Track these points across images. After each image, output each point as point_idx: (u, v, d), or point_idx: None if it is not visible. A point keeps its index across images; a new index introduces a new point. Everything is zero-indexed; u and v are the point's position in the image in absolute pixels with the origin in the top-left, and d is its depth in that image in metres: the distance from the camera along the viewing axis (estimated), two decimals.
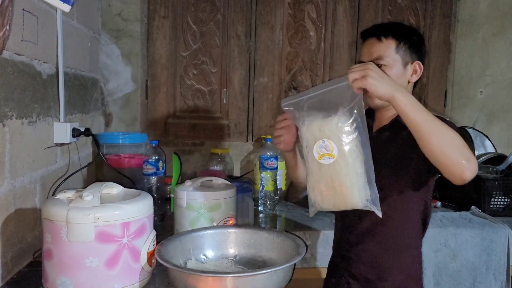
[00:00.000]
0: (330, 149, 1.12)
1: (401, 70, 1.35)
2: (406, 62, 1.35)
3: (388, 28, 1.38)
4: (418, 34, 1.42)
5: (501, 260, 1.78)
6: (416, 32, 1.42)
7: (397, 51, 1.34)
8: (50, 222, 1.09)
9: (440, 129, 1.08)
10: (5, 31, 1.11)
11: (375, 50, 1.34)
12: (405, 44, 1.35)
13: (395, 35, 1.35)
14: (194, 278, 1.08)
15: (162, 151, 1.85)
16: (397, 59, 1.34)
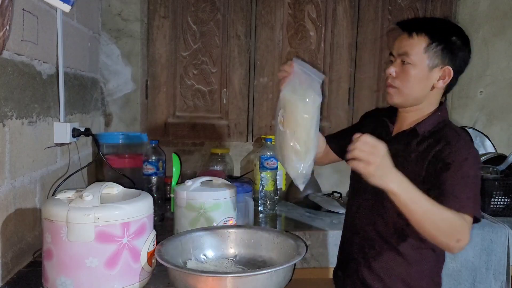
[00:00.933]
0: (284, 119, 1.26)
1: (425, 72, 1.26)
2: (434, 65, 1.25)
3: (425, 24, 1.29)
4: (462, 36, 1.28)
5: (501, 260, 1.79)
6: (459, 34, 1.28)
7: (426, 50, 1.25)
8: (50, 222, 1.09)
9: (433, 219, 1.10)
10: (5, 31, 1.11)
11: (404, 45, 1.27)
12: (438, 45, 1.24)
13: (429, 33, 1.25)
14: (194, 278, 1.08)
15: (162, 151, 1.85)
16: (424, 59, 1.25)
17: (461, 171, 1.16)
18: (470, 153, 1.20)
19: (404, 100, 1.30)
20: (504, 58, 2.58)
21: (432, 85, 1.27)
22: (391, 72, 1.29)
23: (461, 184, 1.16)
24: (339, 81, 2.42)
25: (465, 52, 1.28)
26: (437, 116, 1.30)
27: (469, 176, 1.17)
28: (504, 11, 2.56)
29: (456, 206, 1.13)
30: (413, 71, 1.26)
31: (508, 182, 2.02)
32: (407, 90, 1.28)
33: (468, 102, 2.59)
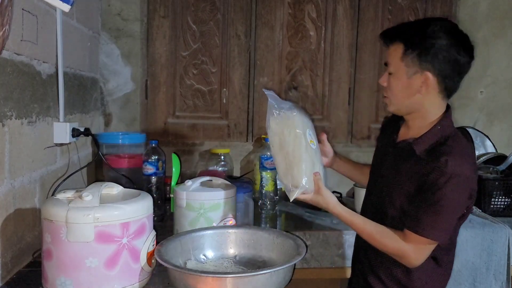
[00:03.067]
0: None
1: (405, 80, 1.22)
2: (414, 72, 1.21)
3: (400, 31, 1.25)
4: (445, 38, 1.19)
5: (502, 260, 1.78)
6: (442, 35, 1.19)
7: (403, 58, 1.21)
8: (49, 222, 1.09)
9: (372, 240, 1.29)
10: (5, 31, 1.11)
11: (386, 56, 1.29)
12: (414, 50, 1.19)
13: (403, 40, 1.21)
14: (194, 279, 1.08)
15: (161, 151, 1.85)
16: (401, 67, 1.22)
17: (437, 195, 1.16)
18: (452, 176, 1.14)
19: (397, 109, 1.31)
20: (504, 58, 2.58)
21: (417, 91, 1.23)
22: (379, 82, 1.33)
23: (431, 211, 1.18)
24: (339, 81, 2.41)
25: (450, 53, 1.19)
26: (437, 130, 1.26)
27: (443, 204, 1.16)
28: (504, 11, 2.56)
29: (415, 229, 1.20)
30: (394, 80, 1.25)
31: (508, 182, 2.02)
32: (394, 99, 1.29)
33: (469, 102, 2.59)
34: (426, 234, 1.19)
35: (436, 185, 1.16)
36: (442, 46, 1.18)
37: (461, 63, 1.22)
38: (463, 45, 1.23)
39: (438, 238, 1.20)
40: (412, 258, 1.23)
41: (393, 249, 1.25)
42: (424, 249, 1.22)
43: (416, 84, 1.22)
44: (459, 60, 1.21)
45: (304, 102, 2.43)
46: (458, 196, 1.17)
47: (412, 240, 1.21)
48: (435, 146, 1.23)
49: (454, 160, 1.16)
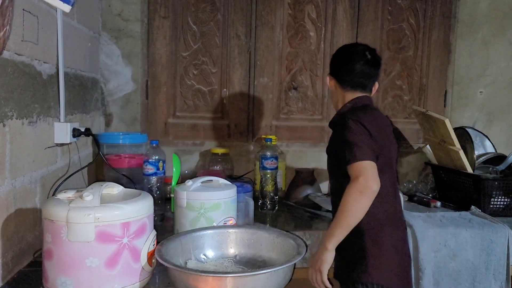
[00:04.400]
0: None
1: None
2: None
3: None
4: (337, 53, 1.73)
5: (501, 260, 1.78)
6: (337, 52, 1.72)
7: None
8: (50, 222, 1.09)
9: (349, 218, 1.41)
10: (5, 31, 1.11)
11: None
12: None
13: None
14: (194, 278, 1.08)
15: (162, 151, 1.85)
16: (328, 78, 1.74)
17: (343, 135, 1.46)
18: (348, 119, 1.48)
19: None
20: (504, 58, 2.58)
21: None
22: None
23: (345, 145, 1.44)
24: None
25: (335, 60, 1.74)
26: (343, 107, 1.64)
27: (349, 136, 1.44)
28: (504, 11, 2.56)
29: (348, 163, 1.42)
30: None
31: (507, 182, 2.02)
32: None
33: (468, 102, 2.59)
34: (355, 159, 1.40)
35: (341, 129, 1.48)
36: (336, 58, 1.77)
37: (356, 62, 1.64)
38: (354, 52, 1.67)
39: (363, 157, 1.40)
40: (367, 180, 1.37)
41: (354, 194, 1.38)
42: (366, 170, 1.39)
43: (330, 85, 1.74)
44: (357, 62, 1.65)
45: (304, 102, 2.43)
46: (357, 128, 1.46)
47: (353, 173, 1.40)
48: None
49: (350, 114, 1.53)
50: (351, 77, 1.62)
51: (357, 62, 1.61)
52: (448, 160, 2.15)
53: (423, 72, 2.51)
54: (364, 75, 1.61)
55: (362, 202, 1.38)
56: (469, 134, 2.25)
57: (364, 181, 1.37)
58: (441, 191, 2.28)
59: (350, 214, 1.39)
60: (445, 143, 2.08)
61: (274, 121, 2.42)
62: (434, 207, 2.13)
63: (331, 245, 1.43)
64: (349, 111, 1.58)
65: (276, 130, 2.41)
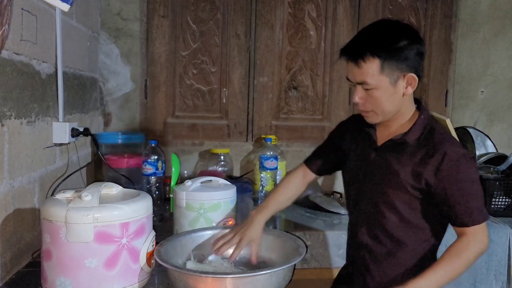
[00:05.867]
0: None
1: (390, 89, 1.21)
2: (396, 78, 1.21)
3: (366, 46, 1.21)
4: (405, 35, 1.21)
5: (502, 260, 1.78)
6: (402, 34, 1.22)
7: (382, 71, 1.19)
8: (49, 222, 1.09)
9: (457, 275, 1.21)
10: (4, 31, 1.11)
11: (357, 75, 1.22)
12: (390, 60, 1.19)
13: (375, 54, 1.18)
14: (194, 279, 1.08)
15: (161, 151, 1.84)
16: (383, 79, 1.20)
17: (467, 183, 1.21)
18: (469, 161, 1.22)
19: (384, 118, 1.28)
20: (504, 58, 2.57)
21: (402, 93, 1.24)
22: (357, 101, 1.26)
23: (470, 198, 1.21)
24: (339, 81, 2.41)
25: (415, 48, 1.21)
26: (422, 120, 1.28)
27: (473, 186, 1.22)
28: (504, 11, 2.55)
29: (469, 222, 1.21)
30: (378, 93, 1.21)
31: (509, 182, 2.02)
32: (381, 110, 1.25)
33: (469, 102, 2.58)
34: (481, 220, 1.22)
35: (461, 172, 1.20)
36: (408, 45, 1.20)
37: (423, 52, 1.25)
38: (416, 34, 1.25)
39: (487, 216, 1.24)
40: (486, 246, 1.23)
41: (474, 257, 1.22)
42: (486, 233, 1.24)
43: (401, 88, 1.23)
44: (421, 49, 1.24)
45: (304, 102, 2.42)
46: (476, 171, 1.26)
47: (474, 233, 1.22)
48: (426, 135, 1.26)
49: (456, 144, 1.25)
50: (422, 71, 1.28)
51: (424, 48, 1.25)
52: None
53: (424, 72, 2.50)
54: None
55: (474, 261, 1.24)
56: (470, 134, 2.24)
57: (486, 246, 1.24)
58: None
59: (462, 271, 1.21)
60: None
61: (274, 121, 2.41)
62: None
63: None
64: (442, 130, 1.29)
65: (276, 130, 2.41)
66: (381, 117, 1.27)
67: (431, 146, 1.22)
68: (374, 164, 1.32)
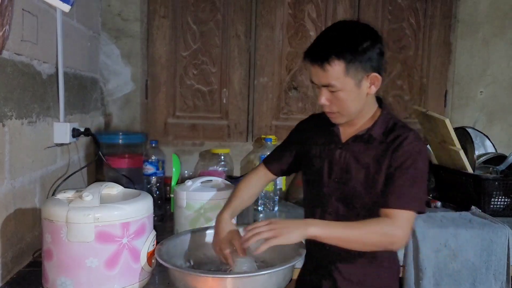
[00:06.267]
0: None
1: (355, 89, 1.23)
2: (360, 79, 1.22)
3: (330, 49, 1.20)
4: (366, 35, 1.23)
5: (501, 260, 1.78)
6: (363, 35, 1.23)
7: (347, 73, 1.20)
8: (50, 222, 1.09)
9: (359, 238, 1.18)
10: (5, 31, 1.11)
11: (322, 78, 1.22)
12: (355, 62, 1.20)
13: (340, 57, 1.19)
14: (194, 279, 1.08)
15: (161, 151, 1.85)
16: (348, 81, 1.21)
17: (411, 170, 1.22)
18: (420, 151, 1.24)
19: (349, 118, 1.30)
20: (504, 58, 2.58)
21: (366, 93, 1.26)
22: (323, 103, 1.26)
23: (408, 184, 1.21)
24: None
25: (377, 48, 1.23)
26: (385, 115, 1.32)
27: (417, 175, 1.23)
28: (504, 11, 2.56)
29: (394, 204, 1.20)
30: (344, 95, 1.23)
31: (508, 182, 2.02)
32: (346, 111, 1.27)
33: (469, 102, 2.59)
34: (412, 207, 1.20)
35: (409, 160, 1.22)
36: (371, 46, 1.22)
37: (383, 51, 1.27)
38: (376, 34, 1.27)
39: (421, 208, 1.23)
40: (401, 237, 1.18)
41: (382, 235, 1.17)
42: (410, 224, 1.21)
43: (365, 88, 1.25)
44: (382, 49, 1.26)
45: (304, 102, 2.43)
46: (426, 167, 1.26)
47: (397, 217, 1.19)
48: (389, 129, 1.29)
49: (416, 135, 1.27)
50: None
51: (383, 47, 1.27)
52: (449, 160, 2.14)
53: (423, 72, 2.51)
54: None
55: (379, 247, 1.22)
56: (469, 134, 2.24)
57: (402, 241, 1.19)
58: (441, 191, 2.28)
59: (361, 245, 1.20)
60: (446, 143, 2.08)
61: (274, 121, 2.41)
62: (434, 207, 2.13)
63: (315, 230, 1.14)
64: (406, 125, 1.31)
65: (276, 130, 2.41)
66: (347, 118, 1.29)
67: (393, 139, 1.26)
68: (340, 161, 1.32)
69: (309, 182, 1.41)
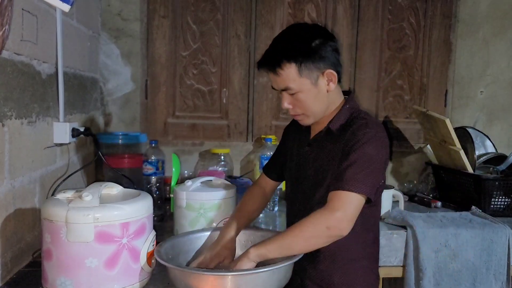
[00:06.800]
0: None
1: (313, 89, 1.24)
2: (316, 78, 1.23)
3: (281, 55, 1.22)
4: (316, 37, 1.23)
5: (502, 260, 1.78)
6: (313, 37, 1.23)
7: (301, 74, 1.21)
8: (49, 222, 1.09)
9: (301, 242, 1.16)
10: (5, 31, 1.11)
11: (278, 82, 1.25)
12: (306, 62, 1.21)
13: (289, 59, 1.20)
14: (195, 277, 1.08)
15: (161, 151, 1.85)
16: (303, 82, 1.22)
17: (355, 154, 1.19)
18: (371, 138, 1.20)
19: (315, 118, 1.31)
20: (504, 58, 2.58)
21: (326, 90, 1.26)
22: (286, 107, 1.29)
23: (349, 167, 1.18)
24: None
25: (329, 45, 1.24)
26: (346, 109, 1.31)
27: (361, 159, 1.18)
28: (504, 11, 2.55)
29: (338, 186, 1.17)
30: (303, 96, 1.24)
31: (508, 182, 2.02)
32: (310, 111, 1.28)
33: (469, 102, 2.58)
34: (348, 187, 1.15)
35: (356, 145, 1.20)
36: (321, 44, 1.23)
37: (337, 47, 1.28)
38: (326, 32, 1.29)
39: (361, 190, 1.16)
40: (335, 219, 1.13)
41: (315, 223, 1.14)
42: (348, 205, 1.15)
43: (323, 86, 1.25)
44: (335, 45, 1.27)
45: None
46: (377, 153, 1.21)
47: (333, 199, 1.16)
48: (350, 121, 1.28)
49: (371, 124, 1.24)
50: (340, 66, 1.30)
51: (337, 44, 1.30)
52: (449, 160, 2.14)
53: (423, 72, 2.51)
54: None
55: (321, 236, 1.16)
56: (469, 134, 2.24)
57: (345, 224, 1.14)
58: (441, 191, 2.28)
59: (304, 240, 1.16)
60: (446, 143, 2.08)
61: (274, 121, 2.41)
62: (434, 207, 2.13)
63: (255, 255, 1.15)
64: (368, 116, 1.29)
65: (276, 130, 2.41)
66: (313, 118, 1.30)
67: (351, 130, 1.24)
68: (306, 158, 1.35)
69: (286, 180, 1.47)
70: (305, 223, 1.16)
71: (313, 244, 1.18)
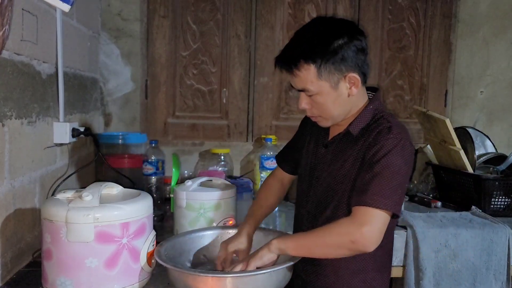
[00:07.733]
0: None
1: (333, 92, 1.16)
2: (337, 81, 1.16)
3: (299, 54, 1.14)
4: (340, 36, 1.14)
5: (502, 260, 1.78)
6: (336, 36, 1.14)
7: (320, 76, 1.14)
8: (49, 222, 1.09)
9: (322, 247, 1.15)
10: (5, 31, 1.11)
11: (296, 83, 1.18)
12: (326, 64, 1.13)
13: (308, 60, 1.13)
14: (194, 278, 1.08)
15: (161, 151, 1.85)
16: (323, 84, 1.15)
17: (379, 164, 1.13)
18: (395, 145, 1.13)
19: (334, 120, 1.24)
20: (504, 58, 2.58)
21: (347, 94, 1.19)
22: (303, 107, 1.22)
23: (372, 179, 1.12)
24: None
25: (353, 45, 1.15)
26: (369, 110, 1.24)
27: (386, 171, 1.12)
28: (504, 11, 2.55)
29: (360, 201, 1.12)
30: (322, 98, 1.17)
31: (508, 182, 2.02)
32: (328, 114, 1.22)
33: (469, 102, 2.58)
34: (375, 204, 1.10)
35: (379, 153, 1.13)
36: (345, 44, 1.14)
37: (363, 47, 1.18)
38: (353, 29, 1.19)
39: (388, 207, 1.10)
40: (361, 235, 1.08)
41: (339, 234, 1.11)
42: (375, 221, 1.10)
43: (344, 90, 1.18)
44: (361, 45, 1.18)
45: None
46: (404, 164, 1.14)
47: (357, 214, 1.11)
48: (372, 123, 1.22)
49: (395, 128, 1.17)
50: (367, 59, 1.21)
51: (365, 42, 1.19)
52: (449, 160, 2.14)
53: (423, 72, 2.51)
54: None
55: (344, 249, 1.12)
56: (469, 134, 2.24)
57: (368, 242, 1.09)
58: (441, 191, 2.27)
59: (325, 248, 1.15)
60: (446, 143, 2.08)
61: (274, 121, 2.41)
62: (434, 207, 2.12)
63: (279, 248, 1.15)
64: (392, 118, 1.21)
65: (276, 130, 2.41)
66: (331, 121, 1.24)
67: (370, 134, 1.18)
68: (322, 160, 1.29)
69: (299, 178, 1.41)
70: (331, 230, 1.13)
71: (334, 253, 1.16)
